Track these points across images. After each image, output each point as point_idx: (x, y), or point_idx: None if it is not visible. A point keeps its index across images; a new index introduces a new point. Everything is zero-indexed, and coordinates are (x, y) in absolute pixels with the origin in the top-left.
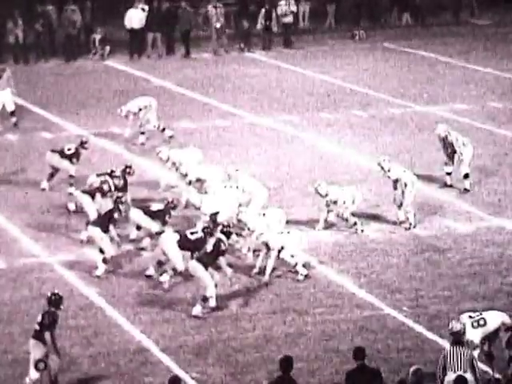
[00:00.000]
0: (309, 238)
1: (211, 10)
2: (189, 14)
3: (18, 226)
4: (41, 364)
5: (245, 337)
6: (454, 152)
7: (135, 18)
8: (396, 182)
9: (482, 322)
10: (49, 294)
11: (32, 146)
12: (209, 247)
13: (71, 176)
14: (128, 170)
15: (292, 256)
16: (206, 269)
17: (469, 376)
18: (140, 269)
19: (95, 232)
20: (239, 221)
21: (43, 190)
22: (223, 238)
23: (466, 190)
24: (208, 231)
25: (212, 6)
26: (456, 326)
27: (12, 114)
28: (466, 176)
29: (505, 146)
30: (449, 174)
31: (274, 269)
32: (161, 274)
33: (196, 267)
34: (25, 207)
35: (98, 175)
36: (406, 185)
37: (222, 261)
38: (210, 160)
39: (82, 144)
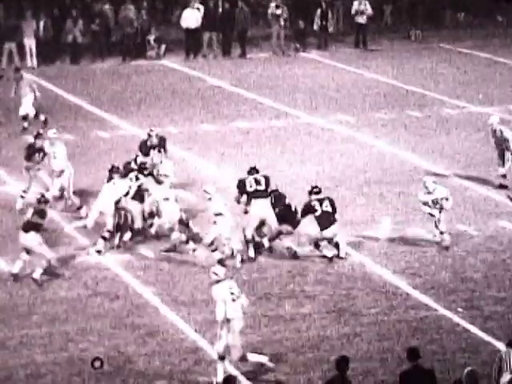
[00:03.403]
0: (365, 238)
1: (273, 10)
2: (246, 14)
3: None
4: (97, 362)
5: (299, 337)
6: (503, 150)
7: (191, 17)
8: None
9: None
10: None
11: (88, 145)
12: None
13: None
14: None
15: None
16: None
17: None
18: (195, 268)
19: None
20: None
21: None
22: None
23: None
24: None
25: (275, 6)
26: None
27: (36, 116)
28: None
29: None
30: (503, 175)
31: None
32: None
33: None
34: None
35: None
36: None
37: None
38: (265, 160)
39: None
